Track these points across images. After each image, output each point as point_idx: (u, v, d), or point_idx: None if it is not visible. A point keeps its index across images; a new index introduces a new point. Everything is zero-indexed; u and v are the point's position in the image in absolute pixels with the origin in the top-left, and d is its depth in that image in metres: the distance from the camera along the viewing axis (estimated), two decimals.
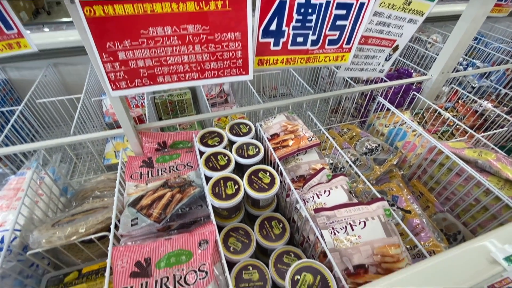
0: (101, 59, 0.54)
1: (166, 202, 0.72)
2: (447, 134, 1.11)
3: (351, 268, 0.57)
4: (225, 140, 0.90)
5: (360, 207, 0.65)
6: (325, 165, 0.88)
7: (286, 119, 0.97)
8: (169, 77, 0.61)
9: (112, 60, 0.55)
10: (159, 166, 0.84)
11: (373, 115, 1.18)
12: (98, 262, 0.73)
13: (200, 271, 0.55)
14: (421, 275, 0.42)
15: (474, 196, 0.77)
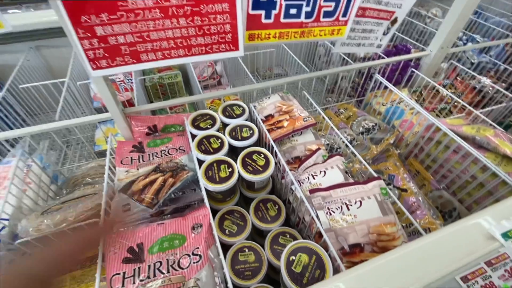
0: (77, 35, 0.50)
1: (158, 187, 0.70)
2: (445, 111, 1.09)
3: (347, 247, 0.57)
4: (217, 122, 0.87)
5: (356, 186, 0.64)
6: (320, 145, 0.86)
7: (281, 100, 0.94)
8: (153, 55, 0.57)
9: (90, 37, 0.51)
10: (150, 150, 0.82)
11: (370, 93, 1.15)
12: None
13: (194, 255, 0.54)
14: (417, 253, 0.41)
15: (471, 173, 0.76)
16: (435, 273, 0.38)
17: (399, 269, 0.39)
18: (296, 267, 0.54)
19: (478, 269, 0.38)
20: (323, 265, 0.54)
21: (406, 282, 0.38)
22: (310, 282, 0.52)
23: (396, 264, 0.40)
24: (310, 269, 0.54)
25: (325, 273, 0.53)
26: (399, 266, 0.40)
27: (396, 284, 0.38)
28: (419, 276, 0.38)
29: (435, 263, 0.39)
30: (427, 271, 0.38)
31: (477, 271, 0.38)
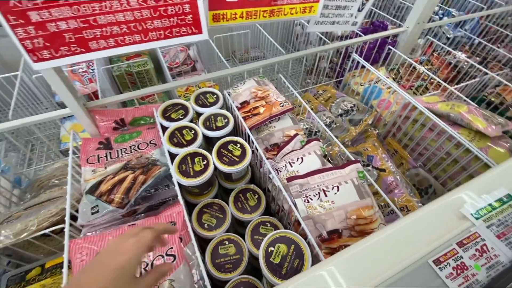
0: (8, 22, 0.43)
1: (128, 186, 0.66)
2: (421, 88, 1.09)
3: (325, 234, 0.56)
4: (190, 112, 0.82)
5: (333, 171, 0.63)
6: (299, 130, 0.84)
7: (256, 85, 0.90)
8: (104, 42, 0.51)
9: (24, 24, 0.44)
10: (119, 146, 0.76)
11: (348, 74, 1.13)
12: (62, 254, 0.68)
13: (168, 256, 0.52)
14: (390, 239, 0.40)
15: (445, 150, 0.77)
16: (408, 258, 0.38)
17: (372, 257, 0.39)
18: (274, 258, 0.53)
19: (450, 251, 0.38)
20: (302, 254, 0.54)
21: (380, 270, 0.37)
22: (289, 272, 0.51)
23: (370, 251, 0.39)
24: (289, 259, 0.53)
25: (304, 262, 0.53)
26: (373, 254, 0.39)
27: (370, 272, 0.37)
28: (393, 263, 0.37)
29: (408, 248, 0.39)
30: (400, 257, 0.38)
31: (449, 253, 0.38)
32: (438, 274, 0.36)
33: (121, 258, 0.34)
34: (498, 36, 1.38)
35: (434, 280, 0.36)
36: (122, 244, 0.35)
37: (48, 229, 0.58)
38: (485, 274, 0.36)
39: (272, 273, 0.51)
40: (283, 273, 0.51)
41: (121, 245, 0.35)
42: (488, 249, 0.38)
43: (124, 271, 0.33)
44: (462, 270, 0.36)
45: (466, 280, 0.35)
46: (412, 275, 0.36)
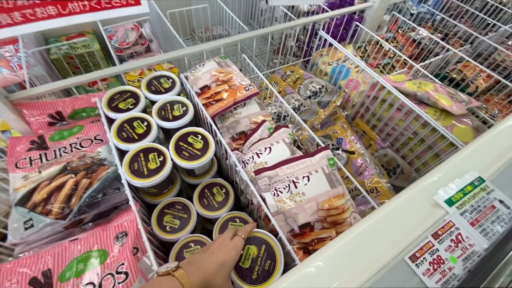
0: None
1: (69, 192, 0.56)
2: (388, 67, 1.08)
3: (297, 228, 0.53)
4: (142, 101, 0.71)
5: (303, 160, 0.58)
6: (267, 116, 0.78)
7: (217, 66, 0.81)
8: (7, 17, 0.38)
9: None
10: (56, 145, 0.65)
11: (315, 53, 1.07)
12: None
13: (118, 274, 0.44)
14: (364, 236, 0.37)
15: (412, 130, 0.76)
16: (384, 257, 0.35)
17: (347, 258, 0.35)
18: (244, 263, 0.48)
19: (425, 244, 0.35)
20: (274, 255, 0.50)
21: (356, 272, 0.34)
22: (260, 276, 0.47)
23: (344, 252, 0.36)
24: (260, 261, 0.49)
25: (276, 262, 0.49)
26: (347, 254, 0.35)
27: (346, 275, 0.33)
28: (368, 263, 0.34)
29: (383, 245, 0.36)
30: (375, 256, 0.35)
31: (424, 246, 0.35)
32: (415, 271, 0.33)
33: (224, 257, 0.43)
34: (458, 12, 1.41)
35: (411, 279, 0.33)
36: (226, 245, 0.45)
37: None
38: (462, 266, 0.34)
39: (241, 279, 0.46)
40: (254, 277, 0.47)
41: (225, 245, 0.45)
42: (463, 239, 0.36)
43: (224, 267, 0.42)
44: (439, 264, 0.34)
45: (443, 275, 0.33)
46: (389, 276, 0.33)
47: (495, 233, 0.37)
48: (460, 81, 0.98)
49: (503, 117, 0.99)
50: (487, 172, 0.45)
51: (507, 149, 0.49)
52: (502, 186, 0.42)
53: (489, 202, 0.40)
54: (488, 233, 0.37)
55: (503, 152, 0.48)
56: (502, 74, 1.09)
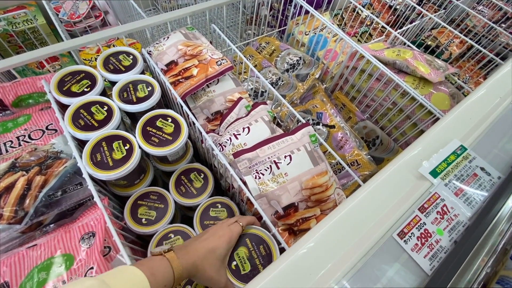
0: None
1: (21, 193, 0.49)
2: (366, 35, 1.04)
3: (281, 210, 0.51)
4: (99, 82, 0.62)
5: (284, 139, 0.55)
6: (243, 93, 0.72)
7: (184, 39, 0.72)
8: None
9: None
10: (0, 139, 0.55)
11: (291, 22, 1.01)
12: None
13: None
14: (351, 215, 0.36)
15: (391, 100, 0.75)
16: (373, 235, 0.33)
17: (336, 239, 0.33)
18: (244, 269, 0.45)
19: (412, 219, 0.34)
20: (267, 243, 0.47)
21: (345, 255, 0.32)
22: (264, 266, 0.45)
23: (332, 233, 0.34)
24: (257, 259, 0.46)
25: (272, 252, 0.47)
26: (336, 236, 0.34)
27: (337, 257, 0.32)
28: (357, 244, 0.33)
29: (370, 224, 0.35)
30: (364, 235, 0.33)
31: (412, 221, 0.34)
32: (404, 248, 0.32)
33: (215, 243, 0.42)
34: None
35: (401, 255, 0.32)
36: (220, 231, 0.44)
37: None
38: (448, 238, 0.33)
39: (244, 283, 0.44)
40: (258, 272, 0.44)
41: (218, 231, 0.44)
42: (448, 210, 0.35)
43: (213, 253, 0.41)
44: (426, 238, 0.33)
45: (431, 249, 0.32)
46: (379, 255, 0.32)
47: (477, 202, 0.37)
48: (435, 48, 0.98)
49: (474, 83, 1.01)
50: (468, 140, 0.44)
51: (485, 116, 0.48)
52: (482, 153, 0.42)
53: (471, 170, 0.39)
54: (471, 202, 0.37)
55: (482, 119, 0.48)
56: (473, 40, 1.10)
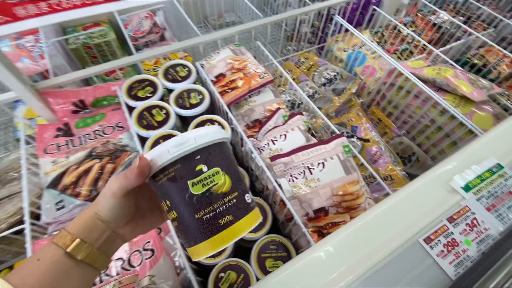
0: None
1: (95, 176, 0.60)
2: (406, 52, 1.05)
3: (311, 213, 0.54)
4: (159, 89, 0.73)
5: (318, 147, 0.59)
6: (281, 104, 0.79)
7: (232, 54, 0.81)
8: (34, 8, 0.40)
9: None
10: (81, 132, 0.68)
11: (331, 38, 1.05)
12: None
13: (145, 250, 0.48)
14: (380, 219, 0.38)
15: (430, 117, 0.75)
16: (398, 238, 0.36)
17: (362, 240, 0.37)
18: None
19: (440, 228, 0.36)
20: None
21: (370, 253, 0.35)
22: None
23: (359, 234, 0.37)
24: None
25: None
26: (362, 237, 0.37)
27: (357, 257, 0.35)
28: (383, 244, 0.36)
29: (398, 227, 0.37)
30: (390, 238, 0.36)
31: (439, 230, 0.36)
32: (429, 252, 0.34)
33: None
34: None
35: (425, 260, 0.34)
36: None
37: (7, 231, 0.52)
38: (476, 249, 0.35)
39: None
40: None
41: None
42: (478, 223, 0.37)
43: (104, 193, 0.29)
44: (453, 246, 0.35)
45: (457, 257, 0.34)
46: (403, 256, 0.35)
47: (510, 218, 0.37)
48: (481, 67, 0.95)
49: None
50: (506, 159, 0.44)
51: None
52: None
53: (507, 188, 0.40)
54: (504, 218, 0.37)
55: None
56: None
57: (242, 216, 0.28)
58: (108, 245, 0.29)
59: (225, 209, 0.27)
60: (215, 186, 0.27)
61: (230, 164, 0.29)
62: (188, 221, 0.27)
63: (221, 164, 0.28)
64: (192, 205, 0.27)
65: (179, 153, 0.26)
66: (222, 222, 0.27)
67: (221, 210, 0.27)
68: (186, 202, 0.27)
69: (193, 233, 0.27)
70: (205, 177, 0.27)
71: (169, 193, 0.27)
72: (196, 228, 0.27)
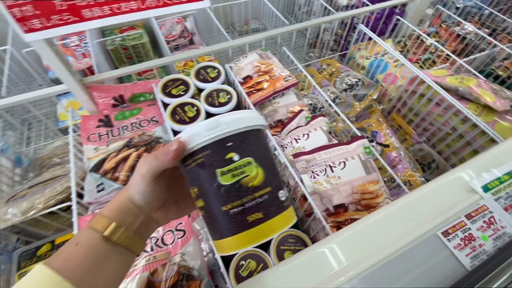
0: None
1: (132, 163, 0.66)
2: (428, 62, 1.06)
3: (331, 208, 0.57)
4: (191, 88, 0.79)
5: (339, 147, 0.62)
6: (303, 106, 0.82)
7: (259, 58, 0.86)
8: (99, 10, 0.47)
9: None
10: (119, 124, 0.75)
11: (353, 46, 1.09)
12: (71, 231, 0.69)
13: (177, 231, 0.52)
14: (399, 212, 0.41)
15: (451, 125, 0.76)
16: (417, 230, 0.38)
17: (381, 229, 0.39)
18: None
19: (458, 223, 0.38)
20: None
21: (388, 241, 0.38)
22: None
23: (378, 224, 0.40)
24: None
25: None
26: (381, 226, 0.40)
27: (378, 244, 0.38)
28: (401, 235, 0.38)
29: (417, 221, 0.39)
30: (409, 229, 0.39)
31: (457, 225, 0.38)
32: (446, 244, 0.37)
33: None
34: (509, 6, 1.32)
35: (442, 251, 0.37)
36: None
37: (55, 207, 0.59)
38: (492, 244, 0.36)
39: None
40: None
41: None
42: (495, 221, 0.38)
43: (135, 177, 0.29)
44: (470, 241, 0.37)
45: (473, 250, 0.36)
46: (421, 247, 0.37)
47: None
48: (506, 78, 0.94)
49: None
50: None
51: None
52: None
53: None
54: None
55: None
56: None
57: (274, 215, 0.25)
58: (143, 229, 0.29)
59: (254, 205, 0.25)
60: (246, 178, 0.25)
61: (265, 155, 0.27)
62: (214, 212, 0.25)
63: (255, 154, 0.26)
64: (219, 196, 0.25)
65: (209, 137, 0.24)
66: (250, 219, 0.25)
67: (250, 206, 0.25)
68: (214, 192, 0.25)
69: (219, 226, 0.25)
70: (235, 167, 0.25)
71: (197, 180, 0.26)
72: (222, 221, 0.25)
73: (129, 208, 0.28)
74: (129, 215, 0.28)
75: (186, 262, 0.49)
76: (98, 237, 0.26)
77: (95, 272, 0.25)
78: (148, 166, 0.26)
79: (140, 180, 0.27)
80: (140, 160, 0.28)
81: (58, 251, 0.26)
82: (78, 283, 0.24)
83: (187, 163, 0.26)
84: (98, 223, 0.27)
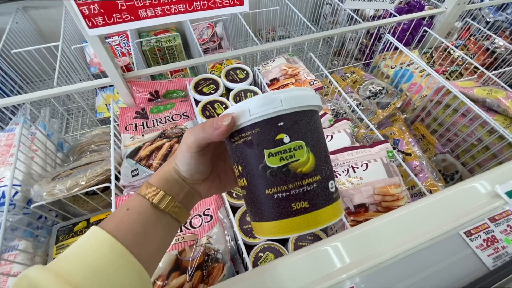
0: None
1: (165, 153, 0.71)
2: (455, 74, 1.05)
3: (352, 207, 0.59)
4: (221, 87, 0.84)
5: (362, 150, 0.64)
6: (327, 110, 0.85)
7: (286, 62, 0.90)
8: (152, 11, 0.53)
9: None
10: (154, 116, 0.81)
11: (378, 56, 1.10)
12: (104, 212, 0.75)
13: (205, 215, 0.56)
14: (422, 211, 0.42)
15: (477, 136, 0.76)
16: (440, 228, 0.40)
17: (404, 225, 0.41)
18: None
19: (481, 225, 0.39)
20: None
21: (411, 237, 0.39)
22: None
23: (401, 221, 0.41)
24: None
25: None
26: (404, 222, 0.41)
27: (401, 238, 0.39)
28: (424, 231, 0.40)
29: (440, 220, 0.41)
30: (432, 227, 0.40)
31: (480, 226, 0.39)
32: (469, 244, 0.38)
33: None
34: None
35: (464, 250, 0.38)
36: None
37: (96, 186, 0.64)
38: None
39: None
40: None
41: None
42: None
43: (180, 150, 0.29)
44: (493, 242, 0.38)
45: (496, 251, 0.37)
46: (443, 244, 0.38)
47: None
48: None
49: None
50: None
51: None
52: None
53: None
54: None
55: None
56: None
57: (321, 206, 0.23)
58: (187, 200, 0.30)
59: (301, 193, 0.23)
60: (295, 163, 0.23)
61: (318, 140, 0.24)
62: (257, 194, 0.24)
63: (307, 137, 0.24)
64: (264, 178, 0.23)
65: (260, 115, 0.23)
66: (295, 207, 0.23)
67: (296, 193, 0.23)
68: (259, 173, 0.24)
69: (260, 208, 0.24)
70: (285, 149, 0.23)
71: (242, 158, 0.25)
72: (265, 205, 0.24)
73: (175, 179, 0.29)
74: (175, 185, 0.29)
75: (211, 244, 0.52)
76: (147, 204, 0.27)
77: (145, 237, 0.26)
78: (194, 137, 0.26)
79: (185, 150, 0.27)
80: (186, 131, 0.28)
81: (111, 215, 0.27)
82: (129, 245, 0.25)
83: (234, 139, 0.25)
84: (147, 191, 0.28)
